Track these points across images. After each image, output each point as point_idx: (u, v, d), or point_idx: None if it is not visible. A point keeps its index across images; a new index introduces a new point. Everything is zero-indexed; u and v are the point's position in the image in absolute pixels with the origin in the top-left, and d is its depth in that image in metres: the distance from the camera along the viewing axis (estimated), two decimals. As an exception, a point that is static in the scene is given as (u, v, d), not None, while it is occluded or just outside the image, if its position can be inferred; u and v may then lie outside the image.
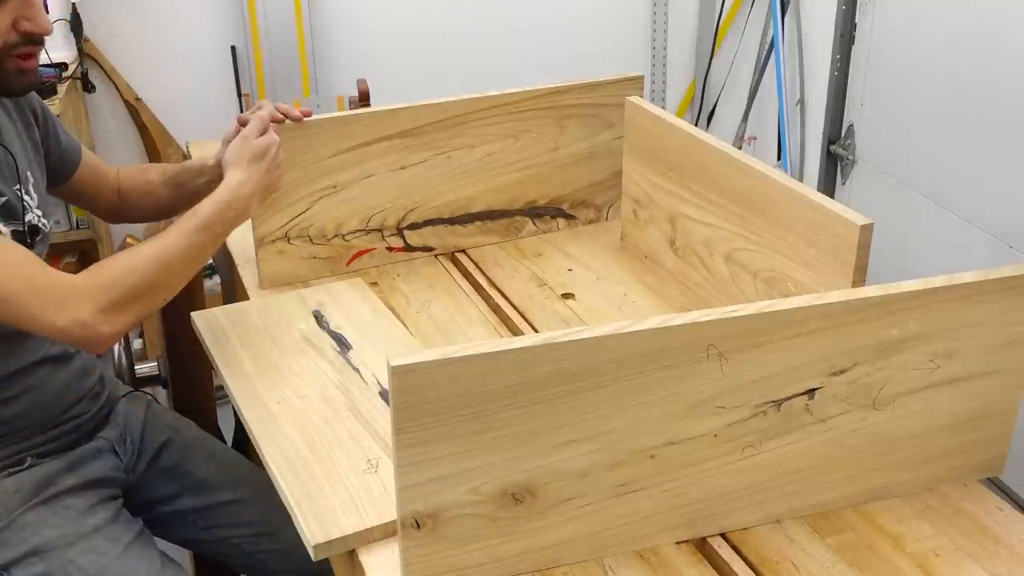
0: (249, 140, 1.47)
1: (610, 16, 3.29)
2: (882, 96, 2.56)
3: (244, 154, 1.46)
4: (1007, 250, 2.14)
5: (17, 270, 1.26)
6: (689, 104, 3.47)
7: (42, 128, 1.54)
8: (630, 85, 1.80)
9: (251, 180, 1.45)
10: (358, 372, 1.43)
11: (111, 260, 1.33)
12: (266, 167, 1.47)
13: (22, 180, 1.44)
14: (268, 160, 1.47)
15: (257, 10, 2.88)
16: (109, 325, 1.28)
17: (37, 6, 1.36)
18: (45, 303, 1.26)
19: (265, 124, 1.50)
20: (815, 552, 1.14)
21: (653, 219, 1.70)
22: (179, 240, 1.35)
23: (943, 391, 1.17)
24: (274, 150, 1.49)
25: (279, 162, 1.50)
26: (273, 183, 1.49)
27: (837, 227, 1.28)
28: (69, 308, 1.26)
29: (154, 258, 1.32)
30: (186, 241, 1.35)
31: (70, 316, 1.26)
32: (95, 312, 1.27)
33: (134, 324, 1.34)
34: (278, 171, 1.50)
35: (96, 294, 1.27)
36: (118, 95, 2.88)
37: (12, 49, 1.34)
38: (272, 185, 1.49)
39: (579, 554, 1.12)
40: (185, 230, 1.36)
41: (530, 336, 1.00)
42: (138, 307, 1.31)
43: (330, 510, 1.17)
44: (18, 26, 1.34)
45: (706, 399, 1.08)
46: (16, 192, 1.42)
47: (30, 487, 1.45)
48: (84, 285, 1.28)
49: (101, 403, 1.58)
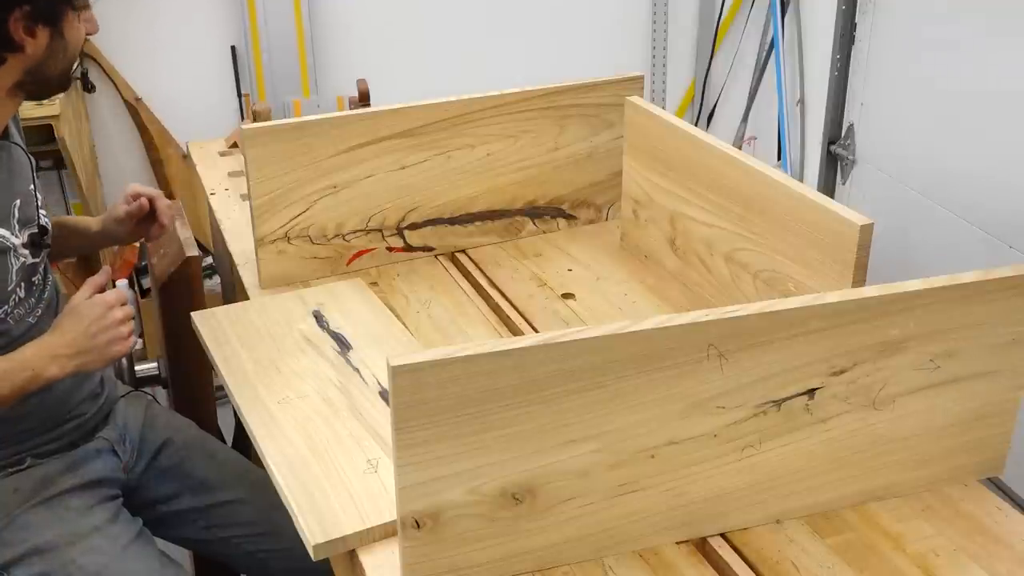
0: (73, 302, 1.36)
1: (610, 16, 3.29)
2: (882, 96, 2.56)
3: (64, 317, 1.36)
4: (1007, 250, 2.14)
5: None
6: (689, 104, 3.47)
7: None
8: (630, 85, 1.80)
9: (64, 344, 1.33)
10: (358, 372, 1.43)
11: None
12: (83, 329, 1.34)
13: (35, 178, 1.46)
14: (87, 322, 1.34)
15: (257, 10, 2.88)
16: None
17: (90, 7, 1.44)
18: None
19: (96, 287, 1.39)
20: (815, 552, 1.14)
21: (653, 219, 1.70)
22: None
23: (943, 391, 1.17)
24: (95, 311, 1.34)
25: (105, 324, 1.34)
26: (98, 348, 1.35)
27: (837, 227, 1.28)
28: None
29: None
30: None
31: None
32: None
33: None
34: (106, 334, 1.35)
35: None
36: (118, 95, 2.88)
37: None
38: (96, 351, 1.35)
39: (579, 554, 1.12)
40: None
41: (530, 336, 1.00)
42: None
43: (330, 510, 1.17)
44: (87, 30, 1.43)
45: (706, 399, 1.08)
46: (31, 191, 1.44)
47: (30, 487, 1.45)
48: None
49: (101, 403, 1.58)
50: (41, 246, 1.45)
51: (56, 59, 1.38)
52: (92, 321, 1.34)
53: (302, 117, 1.62)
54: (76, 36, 1.40)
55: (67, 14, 1.36)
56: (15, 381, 1.31)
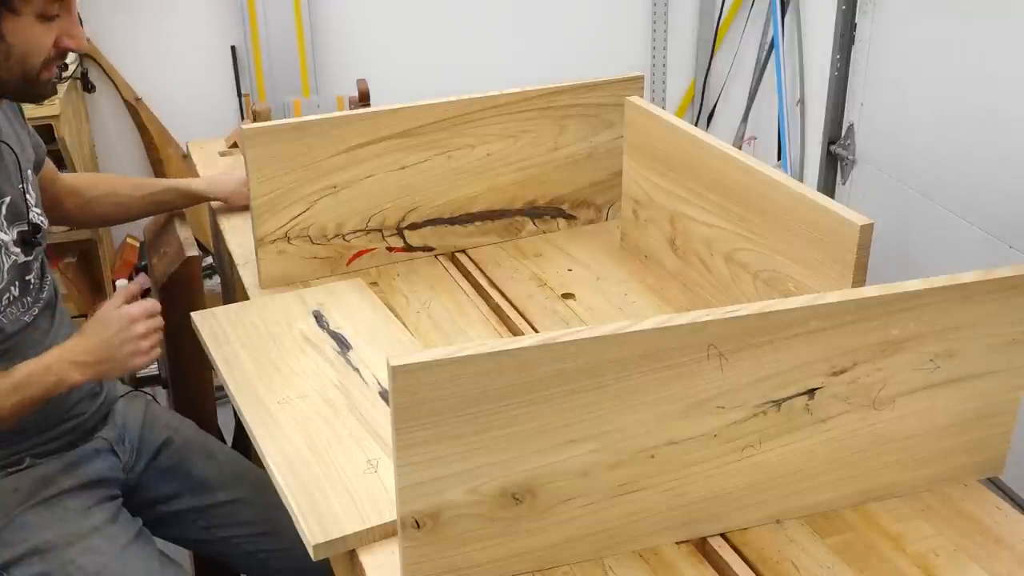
0: (101, 309, 1.41)
1: (610, 16, 3.29)
2: (882, 96, 2.56)
3: (91, 323, 1.40)
4: (1007, 250, 2.14)
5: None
6: (689, 104, 3.47)
7: (24, 125, 1.55)
8: (630, 85, 1.80)
9: (86, 351, 1.37)
10: (358, 372, 1.43)
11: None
12: (106, 338, 1.38)
13: (24, 178, 1.44)
14: (110, 332, 1.38)
15: (257, 10, 2.88)
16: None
17: (78, 24, 1.40)
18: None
19: (130, 295, 1.44)
20: (815, 552, 1.14)
21: (653, 219, 1.70)
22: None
23: (943, 391, 1.17)
24: (120, 323, 1.38)
25: (127, 337, 1.38)
26: (119, 359, 1.38)
27: (837, 227, 1.28)
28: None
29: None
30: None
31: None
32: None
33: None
34: (126, 347, 1.38)
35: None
36: (118, 95, 2.88)
37: (49, 63, 1.38)
38: (116, 361, 1.38)
39: (579, 554, 1.12)
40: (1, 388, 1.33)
41: (530, 336, 1.00)
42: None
43: (330, 510, 1.17)
44: (59, 43, 1.37)
45: (706, 399, 1.08)
46: (20, 190, 1.43)
47: (29, 487, 1.45)
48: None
49: (99, 403, 1.58)
50: (33, 244, 1.45)
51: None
52: (115, 333, 1.38)
53: (302, 117, 1.62)
54: (27, 41, 1.33)
55: (5, 16, 1.30)
56: (43, 385, 1.35)
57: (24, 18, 1.32)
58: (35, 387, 1.35)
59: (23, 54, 1.34)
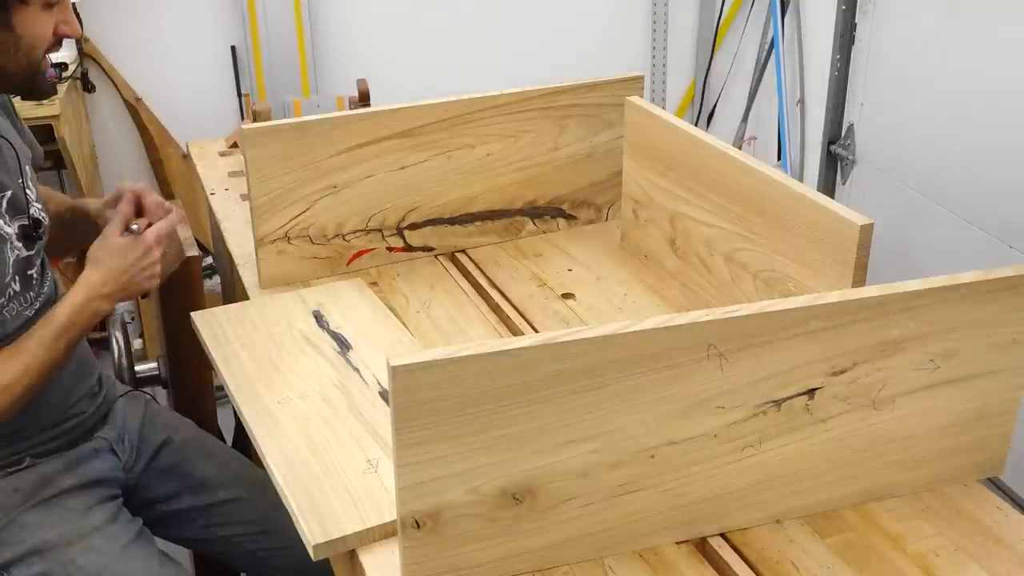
0: (108, 238, 1.42)
1: (610, 16, 3.29)
2: (882, 96, 2.56)
3: (103, 252, 1.42)
4: (1007, 250, 2.14)
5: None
6: (689, 104, 3.47)
7: (19, 124, 1.55)
8: (630, 85, 1.80)
9: (109, 281, 1.40)
10: (358, 372, 1.43)
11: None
12: (126, 267, 1.41)
13: (23, 173, 1.45)
14: (130, 260, 1.41)
15: (257, 10, 2.88)
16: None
17: (71, 10, 1.40)
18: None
19: (127, 218, 1.45)
20: (815, 552, 1.14)
21: (653, 219, 1.70)
22: (39, 353, 1.36)
23: (943, 391, 1.17)
24: (138, 251, 1.42)
25: (146, 263, 1.42)
26: (137, 283, 1.42)
27: (837, 227, 1.28)
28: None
29: (16, 380, 1.34)
30: (45, 353, 1.36)
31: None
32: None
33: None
34: (144, 272, 1.42)
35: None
36: (118, 95, 2.88)
37: (47, 52, 1.38)
38: (135, 285, 1.42)
39: (579, 554, 1.12)
40: (44, 340, 1.37)
41: (530, 336, 1.00)
42: (10, 415, 1.36)
43: (330, 510, 1.17)
44: (58, 30, 1.38)
45: (706, 399, 1.08)
46: (20, 185, 1.43)
47: (28, 487, 1.45)
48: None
49: (99, 402, 1.58)
50: (34, 239, 1.45)
51: (8, 55, 1.34)
52: (134, 261, 1.41)
53: (302, 117, 1.62)
54: (34, 32, 1.33)
55: (15, 7, 1.30)
56: (81, 324, 1.39)
57: (32, 7, 1.33)
58: (76, 328, 1.39)
59: (30, 45, 1.35)
